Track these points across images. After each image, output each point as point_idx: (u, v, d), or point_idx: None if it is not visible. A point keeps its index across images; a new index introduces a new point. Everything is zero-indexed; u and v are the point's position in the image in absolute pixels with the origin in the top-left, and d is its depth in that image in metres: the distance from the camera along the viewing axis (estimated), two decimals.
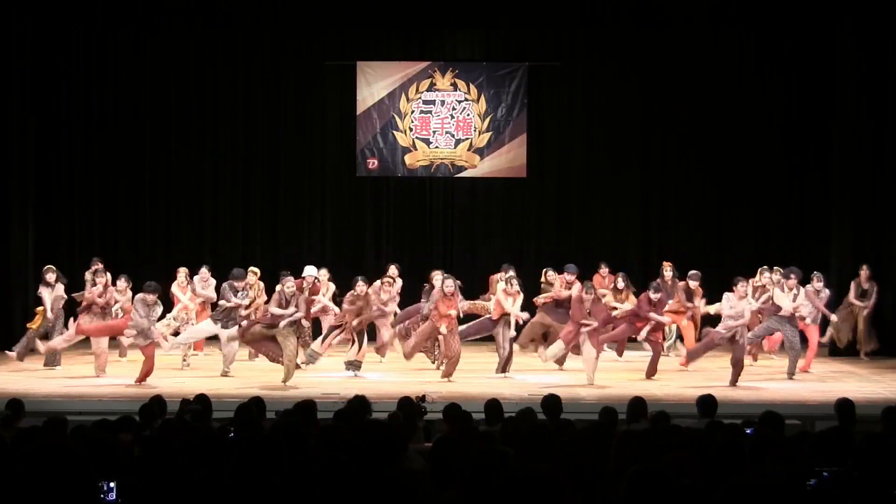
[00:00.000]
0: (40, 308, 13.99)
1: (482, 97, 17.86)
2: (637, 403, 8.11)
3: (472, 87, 17.86)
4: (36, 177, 16.85)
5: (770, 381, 13.05)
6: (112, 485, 4.21)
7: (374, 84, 17.83)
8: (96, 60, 17.56)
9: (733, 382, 12.55)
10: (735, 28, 17.46)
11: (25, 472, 3.32)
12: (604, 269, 15.54)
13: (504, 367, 13.32)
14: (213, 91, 17.82)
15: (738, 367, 12.65)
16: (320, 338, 13.62)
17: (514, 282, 13.31)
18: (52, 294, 13.80)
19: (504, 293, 13.28)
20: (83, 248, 16.89)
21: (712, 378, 12.95)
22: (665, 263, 14.87)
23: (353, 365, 13.21)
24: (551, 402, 7.96)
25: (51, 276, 13.79)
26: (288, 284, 12.71)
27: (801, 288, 13.50)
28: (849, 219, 16.21)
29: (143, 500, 4.22)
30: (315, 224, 18.09)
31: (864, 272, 15.27)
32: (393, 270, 14.90)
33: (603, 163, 17.90)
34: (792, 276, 13.44)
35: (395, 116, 17.88)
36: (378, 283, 13.89)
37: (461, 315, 13.43)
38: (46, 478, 3.29)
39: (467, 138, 17.92)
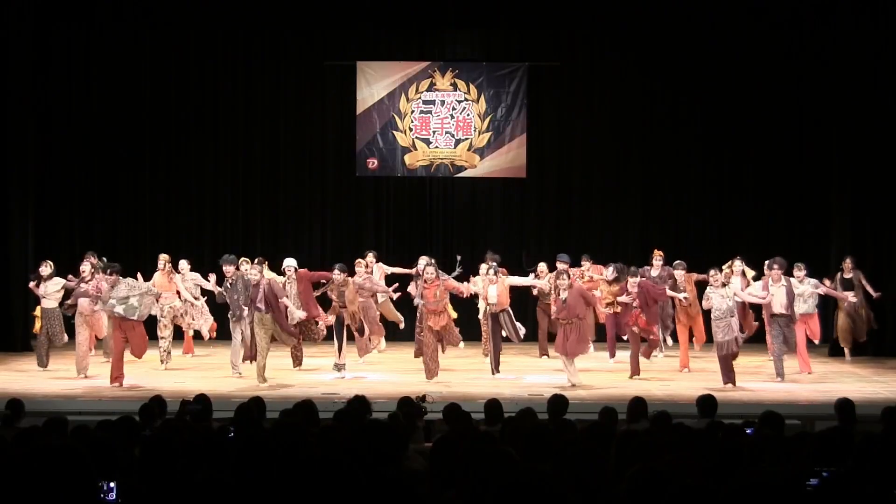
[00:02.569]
0: (37, 310, 13.99)
1: (482, 97, 17.85)
2: (637, 403, 8.12)
3: (471, 87, 17.85)
4: (36, 177, 16.85)
5: (770, 382, 13.04)
6: (112, 485, 4.21)
7: (373, 84, 17.82)
8: (96, 59, 17.56)
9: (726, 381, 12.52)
10: (735, 28, 17.45)
11: (25, 472, 3.31)
12: (585, 263, 15.33)
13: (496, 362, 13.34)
14: (213, 90, 17.82)
15: (727, 363, 12.59)
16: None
17: (491, 270, 13.48)
18: (45, 288, 13.75)
19: (489, 282, 13.39)
20: (83, 247, 16.82)
21: (712, 378, 12.94)
22: (656, 252, 14.89)
23: (339, 367, 13.29)
24: (557, 402, 7.95)
25: (44, 270, 13.77)
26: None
27: (789, 278, 13.35)
28: (849, 218, 16.20)
29: (143, 500, 4.22)
30: (315, 224, 18.09)
31: (846, 263, 15.04)
32: (370, 258, 14.90)
33: (603, 163, 17.89)
34: (776, 266, 13.16)
35: (395, 116, 17.87)
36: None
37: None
38: (46, 478, 3.29)
39: (467, 138, 17.90)
